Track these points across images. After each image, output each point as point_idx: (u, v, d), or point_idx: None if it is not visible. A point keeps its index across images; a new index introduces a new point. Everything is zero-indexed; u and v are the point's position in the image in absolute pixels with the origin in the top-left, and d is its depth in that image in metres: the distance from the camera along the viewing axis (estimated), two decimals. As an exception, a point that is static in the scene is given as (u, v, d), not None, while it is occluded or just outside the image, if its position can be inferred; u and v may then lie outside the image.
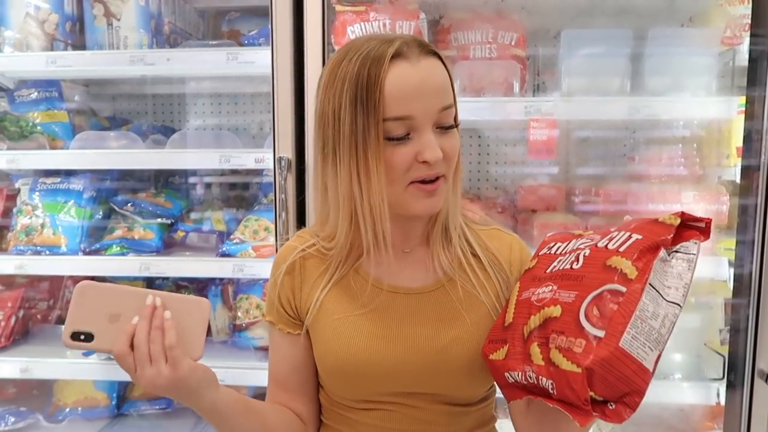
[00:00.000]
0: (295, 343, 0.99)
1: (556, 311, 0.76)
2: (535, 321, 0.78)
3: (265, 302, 1.03)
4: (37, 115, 1.88)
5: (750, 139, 1.46)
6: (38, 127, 1.86)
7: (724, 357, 1.55)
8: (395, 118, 0.85)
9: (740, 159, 1.50)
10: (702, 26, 1.66)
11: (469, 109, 1.51)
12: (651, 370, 0.72)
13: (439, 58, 0.91)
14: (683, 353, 1.63)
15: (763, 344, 1.42)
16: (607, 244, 0.77)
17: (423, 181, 0.88)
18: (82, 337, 0.80)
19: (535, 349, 0.76)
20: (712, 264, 1.55)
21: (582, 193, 1.81)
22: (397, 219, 0.96)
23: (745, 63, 1.48)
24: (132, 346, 0.81)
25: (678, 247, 0.76)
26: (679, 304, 0.74)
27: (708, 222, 0.77)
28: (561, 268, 0.80)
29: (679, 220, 0.76)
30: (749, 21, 1.47)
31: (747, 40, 1.49)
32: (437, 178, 0.89)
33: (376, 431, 0.95)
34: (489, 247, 0.99)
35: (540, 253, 0.89)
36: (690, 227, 0.78)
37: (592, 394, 0.70)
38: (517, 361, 0.79)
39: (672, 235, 0.75)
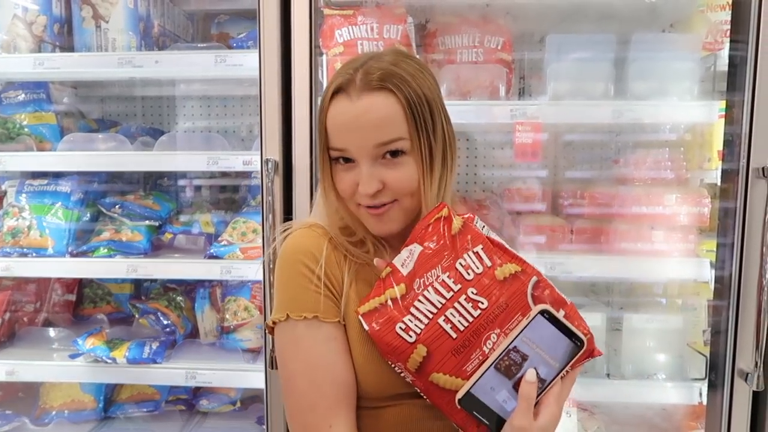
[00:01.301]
0: (345, 335, 0.94)
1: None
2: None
3: (287, 307, 0.93)
4: (24, 117, 1.87)
5: (731, 143, 1.49)
6: (25, 129, 1.86)
7: (706, 357, 1.57)
8: (335, 149, 0.94)
9: (721, 162, 1.53)
10: (683, 32, 1.69)
11: (455, 113, 1.51)
12: None
13: (392, 91, 0.90)
14: (667, 353, 1.65)
15: (742, 345, 1.44)
16: (469, 276, 0.86)
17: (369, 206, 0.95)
18: None
19: None
20: (694, 266, 1.57)
21: (568, 195, 1.83)
22: None
23: (726, 68, 1.51)
24: None
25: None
26: None
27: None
28: (468, 323, 0.84)
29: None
30: (729, 27, 1.50)
31: (727, 46, 1.52)
32: (383, 206, 0.94)
33: (397, 425, 0.94)
34: None
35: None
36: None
37: None
38: None
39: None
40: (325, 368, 0.89)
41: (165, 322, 1.84)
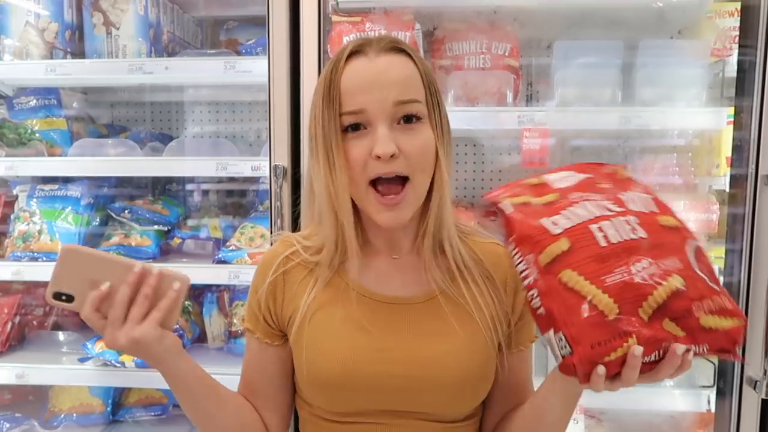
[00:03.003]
0: (272, 353, 0.99)
1: (677, 282, 0.74)
2: (656, 299, 0.74)
3: (246, 308, 1.03)
4: (35, 123, 1.89)
5: (739, 149, 1.48)
6: (37, 134, 1.88)
7: (714, 364, 1.56)
8: (349, 113, 0.87)
9: (729, 169, 1.53)
10: (691, 38, 1.69)
11: (463, 119, 1.53)
12: None
13: (410, 56, 0.90)
14: (675, 360, 1.64)
15: (751, 352, 1.44)
16: (632, 207, 0.80)
17: (381, 188, 0.87)
18: (64, 297, 0.86)
19: (670, 324, 0.74)
20: (702, 272, 1.56)
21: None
22: (380, 227, 0.94)
23: (734, 74, 1.51)
24: (100, 309, 0.85)
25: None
26: None
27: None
28: (622, 239, 0.76)
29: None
30: (738, 33, 1.50)
31: (736, 52, 1.52)
32: (401, 185, 0.87)
33: None
34: (484, 262, 0.97)
35: (542, 236, 0.79)
36: None
37: None
38: (650, 347, 0.74)
39: None
40: (244, 365, 1.04)
41: (173, 327, 1.85)
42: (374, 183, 0.88)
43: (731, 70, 1.53)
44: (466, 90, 1.63)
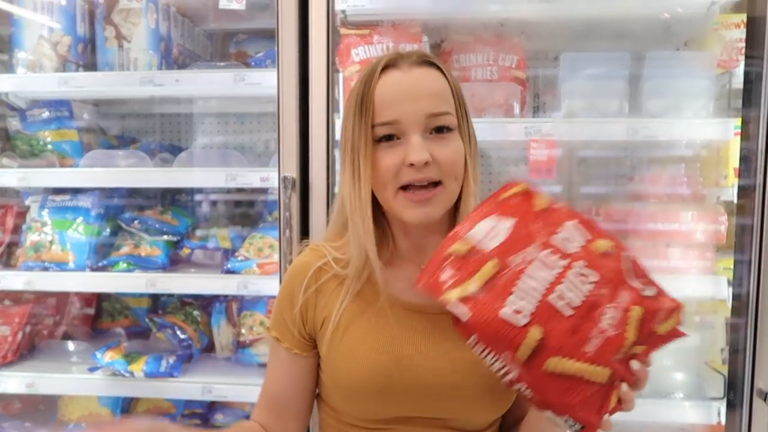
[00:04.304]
0: (299, 362, 0.99)
1: (638, 313, 0.76)
2: (630, 340, 0.76)
3: (270, 317, 1.04)
4: (47, 134, 1.92)
5: (747, 159, 1.48)
6: (49, 146, 1.90)
7: (724, 376, 1.55)
8: (382, 123, 0.90)
9: (737, 179, 1.53)
10: (698, 50, 1.70)
11: (470, 130, 1.54)
12: None
13: (440, 69, 0.94)
14: (684, 372, 1.63)
15: (761, 364, 1.43)
16: (571, 249, 0.79)
17: (412, 190, 0.89)
18: None
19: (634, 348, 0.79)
20: (711, 283, 1.56)
21: (583, 212, 1.82)
22: (408, 232, 0.97)
23: (741, 85, 1.51)
24: None
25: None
26: None
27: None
28: (583, 299, 0.75)
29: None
30: (744, 45, 1.50)
31: (742, 63, 1.52)
32: (433, 186, 0.90)
33: None
34: None
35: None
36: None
37: None
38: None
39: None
40: (268, 378, 1.04)
41: (182, 336, 1.85)
42: (404, 188, 0.90)
43: (738, 82, 1.53)
44: (473, 101, 1.64)
